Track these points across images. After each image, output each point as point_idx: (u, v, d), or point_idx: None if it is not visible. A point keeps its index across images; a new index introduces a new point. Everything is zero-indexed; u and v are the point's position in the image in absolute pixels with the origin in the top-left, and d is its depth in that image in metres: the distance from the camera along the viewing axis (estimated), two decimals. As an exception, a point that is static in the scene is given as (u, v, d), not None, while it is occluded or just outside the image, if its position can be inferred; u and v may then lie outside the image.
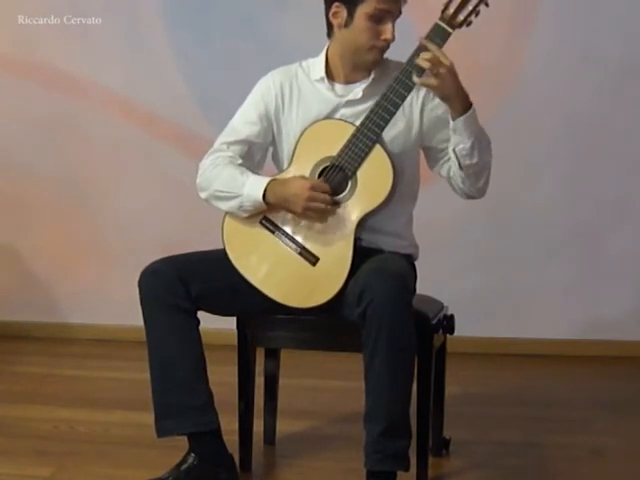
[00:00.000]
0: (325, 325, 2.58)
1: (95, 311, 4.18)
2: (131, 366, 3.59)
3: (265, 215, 2.54)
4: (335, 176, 2.49)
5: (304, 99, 2.60)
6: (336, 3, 2.50)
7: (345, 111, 2.56)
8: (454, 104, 2.41)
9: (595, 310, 3.87)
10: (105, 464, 2.75)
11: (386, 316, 2.30)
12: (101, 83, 4.05)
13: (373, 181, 2.48)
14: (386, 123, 2.46)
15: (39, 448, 2.86)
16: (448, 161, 2.55)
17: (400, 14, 2.51)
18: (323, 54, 2.60)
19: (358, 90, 2.56)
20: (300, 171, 2.53)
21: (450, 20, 2.43)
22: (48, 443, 2.91)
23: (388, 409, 2.37)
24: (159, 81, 4.02)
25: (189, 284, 2.49)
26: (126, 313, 3.16)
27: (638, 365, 3.76)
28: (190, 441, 2.52)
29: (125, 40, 4.02)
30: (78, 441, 2.94)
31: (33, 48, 4.08)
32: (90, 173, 4.14)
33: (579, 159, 3.83)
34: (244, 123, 2.63)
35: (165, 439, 2.54)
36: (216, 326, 2.78)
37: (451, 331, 2.68)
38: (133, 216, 4.11)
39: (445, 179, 2.60)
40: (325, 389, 3.47)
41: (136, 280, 2.53)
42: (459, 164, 2.48)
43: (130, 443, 2.91)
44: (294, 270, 2.49)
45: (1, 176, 4.18)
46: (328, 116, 2.56)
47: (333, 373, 3.56)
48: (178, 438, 2.53)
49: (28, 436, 2.97)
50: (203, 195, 2.61)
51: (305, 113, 2.58)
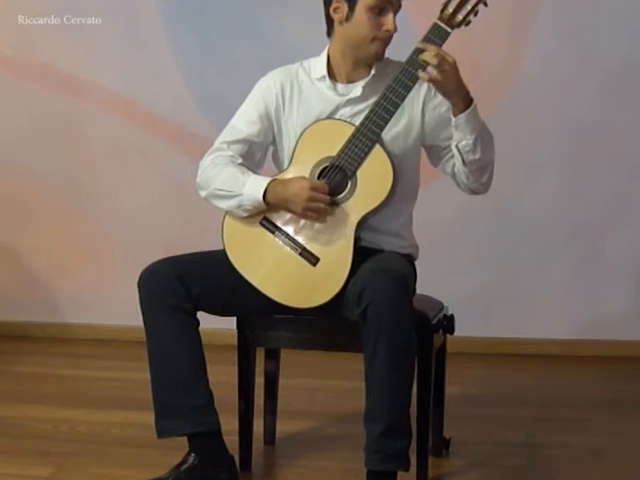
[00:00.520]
0: (325, 325, 2.59)
1: (95, 311, 4.18)
2: (131, 366, 3.59)
3: (265, 215, 2.54)
4: (335, 176, 2.49)
5: (305, 98, 2.60)
6: None
7: (345, 110, 2.56)
8: (456, 100, 2.42)
9: (595, 310, 3.87)
10: (105, 464, 2.75)
11: (386, 316, 2.30)
12: (101, 83, 4.05)
13: (373, 181, 2.48)
14: (386, 123, 2.46)
15: (39, 448, 2.86)
16: (452, 158, 2.55)
17: (400, 7, 2.51)
18: (324, 53, 2.60)
19: (358, 88, 2.55)
20: (300, 171, 2.53)
21: (449, 20, 2.43)
22: (48, 443, 2.91)
23: (388, 409, 2.37)
24: (159, 81, 4.01)
25: (189, 285, 2.49)
26: (126, 313, 3.16)
27: (638, 365, 3.76)
28: (190, 441, 2.52)
29: (125, 40, 4.02)
30: (78, 441, 2.94)
31: (33, 48, 4.08)
32: (90, 173, 4.14)
33: (579, 159, 3.82)
34: (244, 122, 2.63)
35: (165, 439, 2.54)
36: (216, 326, 2.79)
37: (451, 331, 2.68)
38: (133, 216, 4.11)
39: (449, 176, 2.60)
40: (325, 389, 3.47)
41: (136, 280, 2.53)
42: (463, 160, 2.48)
43: (130, 443, 2.91)
44: (294, 270, 2.49)
45: (1, 176, 4.18)
46: (329, 115, 2.56)
47: (333, 373, 3.55)
48: (178, 438, 2.52)
49: (28, 436, 2.97)
50: (203, 194, 2.61)
51: (306, 112, 2.58)
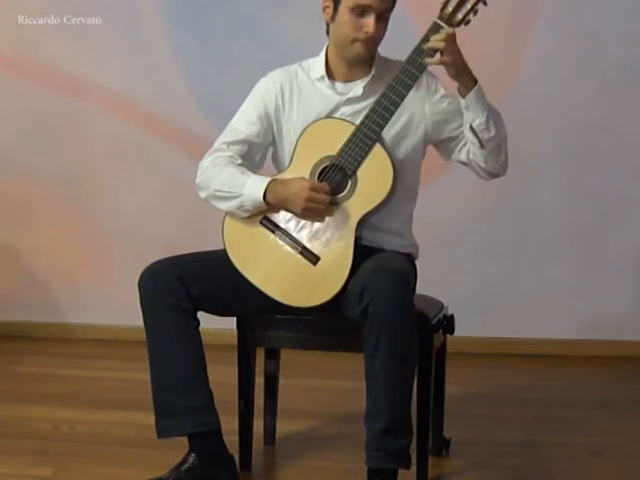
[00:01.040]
0: (325, 325, 2.59)
1: (95, 311, 4.18)
2: (131, 366, 3.59)
3: (265, 215, 2.54)
4: (335, 175, 2.50)
5: (305, 98, 2.60)
6: None
7: (345, 109, 2.56)
8: (465, 79, 2.44)
9: (595, 310, 3.87)
10: (105, 464, 2.75)
11: (387, 314, 2.30)
12: (101, 83, 4.05)
13: (373, 180, 2.48)
14: (386, 122, 2.46)
15: (39, 448, 2.86)
16: (464, 146, 2.55)
17: (391, 10, 2.49)
18: (323, 53, 2.60)
19: (358, 88, 2.55)
20: (300, 170, 2.53)
21: (448, 19, 2.43)
22: (48, 443, 2.91)
23: (389, 407, 2.38)
24: (159, 81, 4.01)
25: (189, 285, 2.49)
26: (126, 313, 3.16)
27: (638, 365, 3.76)
28: (190, 441, 2.52)
29: (125, 40, 4.02)
30: (78, 441, 2.94)
31: (33, 48, 4.07)
32: (90, 173, 4.13)
33: (579, 159, 3.82)
34: (244, 123, 2.62)
35: (165, 439, 2.54)
36: (216, 326, 2.79)
37: (451, 331, 2.68)
38: (133, 216, 4.11)
39: (466, 164, 2.58)
40: (325, 389, 3.47)
41: (136, 280, 2.53)
42: (479, 141, 2.48)
43: (130, 443, 2.91)
44: (295, 269, 2.49)
45: (1, 176, 4.18)
46: (329, 114, 2.56)
47: (333, 373, 3.55)
48: (178, 438, 2.52)
49: (28, 436, 2.97)
50: (203, 195, 2.61)
51: (306, 112, 2.58)
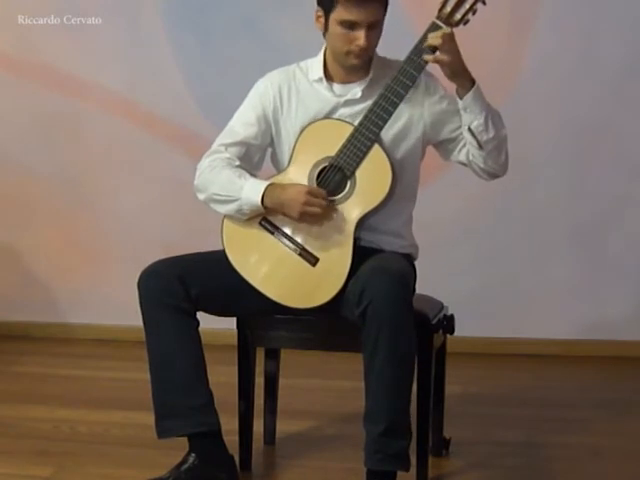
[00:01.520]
0: (325, 325, 2.59)
1: (95, 311, 4.18)
2: (131, 366, 3.59)
3: (265, 216, 2.54)
4: (334, 176, 2.50)
5: (303, 99, 2.59)
6: (318, 7, 2.51)
7: (344, 111, 2.56)
8: (463, 79, 2.44)
9: (595, 310, 3.86)
10: (105, 464, 2.75)
11: (386, 315, 2.30)
12: (101, 83, 4.05)
13: (372, 181, 2.48)
14: (384, 123, 2.46)
15: (39, 448, 2.86)
16: (464, 147, 2.54)
17: (380, 20, 2.45)
18: (321, 54, 2.60)
19: (357, 90, 2.55)
20: (299, 171, 2.53)
21: (447, 18, 2.43)
22: (48, 443, 2.91)
23: (388, 409, 2.38)
24: (159, 81, 4.01)
25: (189, 285, 2.49)
26: (126, 313, 3.16)
27: (638, 365, 3.76)
28: (190, 441, 2.52)
29: (125, 40, 4.02)
30: (78, 441, 2.94)
31: (33, 48, 4.07)
32: (90, 173, 4.13)
33: (579, 159, 3.82)
34: (242, 125, 2.62)
35: (165, 439, 2.54)
36: (216, 326, 2.79)
37: (451, 331, 2.68)
38: (133, 216, 4.11)
39: (465, 165, 2.58)
40: (325, 389, 3.47)
41: (136, 280, 2.53)
42: (478, 143, 2.48)
43: (130, 443, 2.91)
44: (294, 270, 2.49)
45: (1, 176, 4.18)
46: (327, 116, 2.56)
47: (333, 373, 3.55)
48: (178, 438, 2.53)
49: (28, 436, 2.98)
50: (201, 197, 2.61)
51: (304, 113, 2.57)
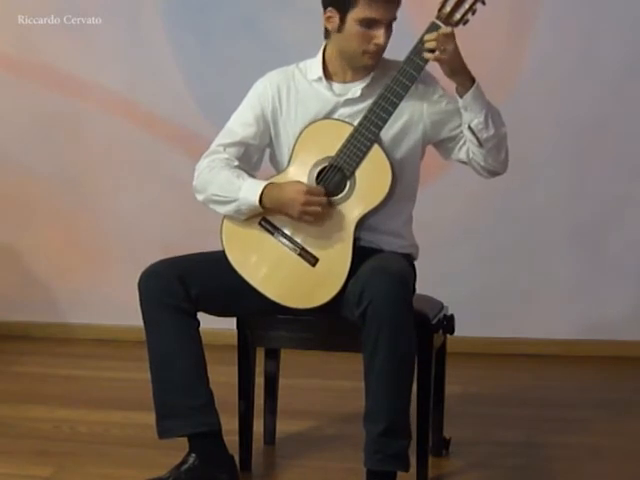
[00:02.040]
0: (325, 325, 2.59)
1: (95, 311, 4.18)
2: (131, 366, 3.59)
3: (264, 216, 2.54)
4: (334, 176, 2.49)
5: (302, 99, 2.59)
6: (329, 8, 2.50)
7: (344, 110, 2.55)
8: (463, 78, 2.44)
9: (595, 310, 3.86)
10: (105, 464, 2.75)
11: (386, 316, 2.30)
12: (101, 83, 4.05)
13: (371, 181, 2.48)
14: (384, 123, 2.46)
15: (39, 448, 2.86)
16: (464, 145, 2.54)
17: (395, 19, 2.48)
18: (320, 54, 2.59)
19: (357, 89, 2.55)
20: (299, 171, 2.53)
21: (447, 18, 2.43)
22: (48, 443, 2.91)
23: (388, 409, 2.37)
24: (159, 81, 4.01)
25: (189, 285, 2.49)
26: (126, 313, 3.16)
27: (638, 365, 3.76)
28: (190, 441, 2.52)
29: (125, 40, 4.02)
30: (78, 441, 2.94)
31: (33, 48, 4.07)
32: (90, 173, 4.13)
33: (579, 159, 3.82)
34: (240, 125, 2.62)
35: (165, 439, 2.54)
36: (216, 326, 2.78)
37: (451, 331, 2.68)
38: (133, 216, 4.11)
39: (466, 163, 2.58)
40: (325, 389, 3.47)
41: (136, 280, 2.53)
42: (478, 141, 2.48)
43: (130, 443, 2.91)
44: (294, 271, 2.49)
45: (1, 176, 4.18)
46: (327, 115, 2.56)
47: (333, 373, 3.55)
48: (178, 438, 2.53)
49: (28, 436, 2.98)
50: (200, 198, 2.61)
51: (304, 113, 2.57)
